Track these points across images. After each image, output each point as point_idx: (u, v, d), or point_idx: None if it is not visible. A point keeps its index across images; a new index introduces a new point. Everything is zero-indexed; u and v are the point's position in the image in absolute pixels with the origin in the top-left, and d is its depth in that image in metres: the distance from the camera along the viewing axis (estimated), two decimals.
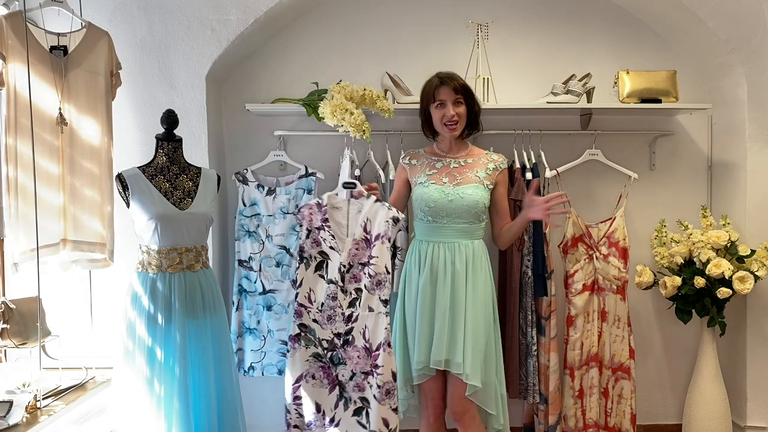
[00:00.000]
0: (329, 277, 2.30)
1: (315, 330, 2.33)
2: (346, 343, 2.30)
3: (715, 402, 2.92)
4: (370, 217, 2.27)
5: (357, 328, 2.27)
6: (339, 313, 2.30)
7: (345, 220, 2.30)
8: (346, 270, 2.29)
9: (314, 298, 2.32)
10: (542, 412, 2.94)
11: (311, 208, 2.32)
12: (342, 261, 2.28)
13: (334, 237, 2.29)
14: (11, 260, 2.26)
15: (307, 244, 2.32)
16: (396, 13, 3.16)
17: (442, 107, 2.40)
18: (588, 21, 3.19)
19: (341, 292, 2.29)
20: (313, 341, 2.33)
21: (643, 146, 3.23)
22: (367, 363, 2.26)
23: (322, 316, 2.31)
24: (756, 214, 3.00)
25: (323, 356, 2.33)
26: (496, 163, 2.49)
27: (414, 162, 2.54)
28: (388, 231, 2.23)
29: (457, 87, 2.39)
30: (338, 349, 2.31)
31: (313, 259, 2.33)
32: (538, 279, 2.86)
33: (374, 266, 2.25)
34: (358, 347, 2.28)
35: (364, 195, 2.29)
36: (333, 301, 2.30)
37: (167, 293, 2.26)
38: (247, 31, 2.86)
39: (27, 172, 2.26)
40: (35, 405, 2.18)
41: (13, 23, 2.26)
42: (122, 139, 2.78)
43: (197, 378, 2.27)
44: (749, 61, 2.96)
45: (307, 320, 2.33)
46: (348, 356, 2.30)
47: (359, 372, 2.28)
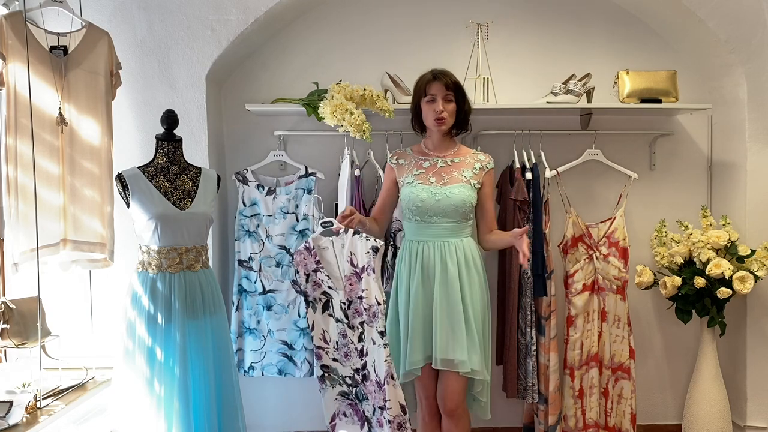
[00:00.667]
0: (336, 316, 2.30)
1: (337, 369, 2.34)
2: (365, 378, 2.29)
3: (715, 402, 2.92)
4: (352, 251, 2.24)
5: (369, 361, 2.26)
6: (352, 348, 2.29)
7: (334, 258, 2.28)
8: (347, 306, 2.28)
9: (329, 338, 2.33)
10: (542, 412, 2.94)
11: (302, 254, 2.31)
12: (341, 299, 2.28)
13: (329, 277, 2.29)
14: (11, 260, 2.26)
15: (309, 288, 2.33)
16: (396, 13, 3.16)
17: (432, 102, 2.39)
18: (588, 21, 3.19)
19: (349, 328, 2.29)
20: (338, 380, 2.35)
21: (643, 146, 3.23)
22: (380, 397, 2.24)
23: (340, 354, 2.32)
24: (756, 214, 3.00)
25: (349, 393, 2.34)
26: (482, 163, 2.48)
27: (401, 161, 2.53)
28: (370, 262, 2.20)
29: (448, 83, 2.39)
30: (360, 385, 2.31)
31: (318, 301, 2.33)
32: (538, 279, 2.86)
33: (366, 299, 2.23)
34: (372, 381, 2.27)
35: (341, 229, 2.24)
36: (344, 339, 2.30)
37: (167, 293, 2.26)
38: (247, 31, 2.86)
39: (27, 172, 2.26)
40: (35, 405, 2.18)
41: (13, 23, 2.26)
42: (122, 139, 2.78)
43: (197, 378, 2.27)
44: (749, 61, 2.96)
45: (328, 360, 2.34)
46: (368, 391, 2.30)
47: (377, 407, 2.26)
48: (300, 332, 2.91)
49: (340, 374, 2.34)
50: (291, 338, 2.92)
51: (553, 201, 3.02)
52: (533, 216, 2.87)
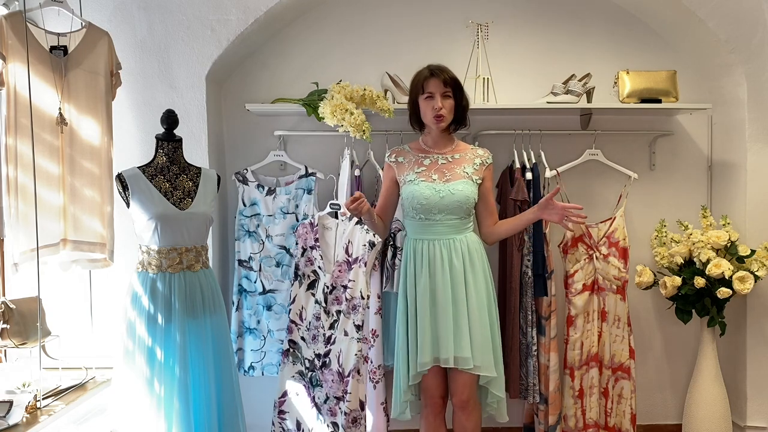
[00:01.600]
0: (317, 297, 2.32)
1: (302, 348, 2.35)
2: (324, 366, 2.30)
3: (715, 402, 2.92)
4: (351, 239, 2.26)
5: (334, 351, 2.27)
6: (321, 333, 2.31)
7: (333, 241, 2.31)
8: (329, 291, 2.28)
9: (305, 315, 2.34)
10: (542, 412, 2.95)
11: (305, 227, 2.34)
12: (326, 282, 2.28)
13: (323, 257, 2.30)
14: (11, 260, 2.26)
15: (301, 263, 2.34)
16: (396, 13, 3.16)
17: (430, 99, 2.38)
18: (588, 21, 3.19)
19: (324, 312, 2.30)
20: (300, 358, 2.36)
21: (643, 146, 3.23)
22: (339, 388, 2.26)
23: (309, 334, 2.34)
24: (756, 214, 3.00)
25: (305, 375, 2.35)
26: (482, 158, 2.48)
27: (401, 159, 2.50)
28: (364, 255, 2.21)
29: (446, 79, 2.37)
30: (317, 371, 2.32)
31: (306, 277, 2.34)
32: (538, 279, 2.86)
33: (350, 290, 2.24)
34: (333, 371, 2.28)
35: (346, 215, 2.26)
36: (317, 321, 2.32)
37: (167, 293, 2.26)
38: (247, 31, 2.86)
39: (27, 172, 2.26)
40: (35, 405, 2.18)
41: (13, 23, 2.26)
42: (122, 139, 2.78)
43: (197, 378, 2.27)
44: (749, 61, 2.96)
45: (296, 337, 2.36)
46: (324, 379, 2.31)
47: (332, 396, 2.27)
48: None
49: (303, 354, 2.35)
50: None
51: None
52: None
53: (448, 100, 2.39)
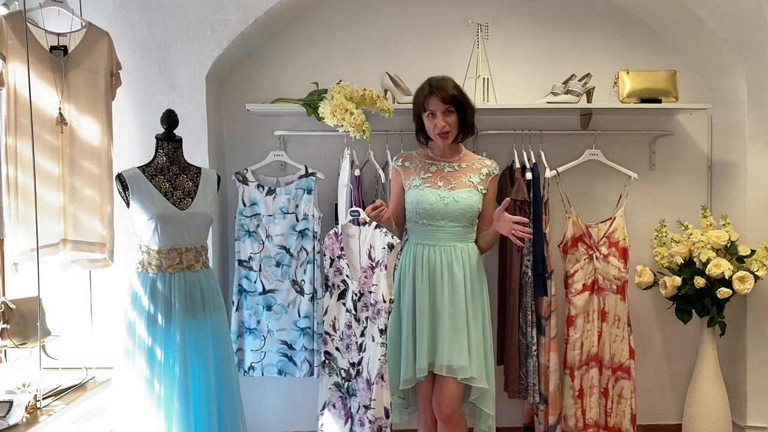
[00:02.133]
0: (347, 306, 2.31)
1: (337, 358, 2.34)
2: (357, 374, 2.28)
3: (715, 402, 2.92)
4: (372, 244, 2.25)
5: (365, 358, 2.25)
6: (354, 341, 2.29)
7: (358, 248, 2.30)
8: (357, 298, 2.27)
9: (337, 326, 2.33)
10: (542, 412, 2.94)
11: (331, 238, 2.34)
12: (354, 289, 2.28)
13: (349, 266, 2.30)
14: (11, 260, 2.26)
15: (330, 273, 2.34)
16: (396, 13, 3.16)
17: (432, 117, 2.36)
18: (588, 21, 3.19)
19: (355, 320, 2.29)
20: (336, 369, 2.35)
21: (643, 146, 3.23)
22: (367, 396, 2.23)
23: (343, 344, 2.33)
24: (756, 214, 3.00)
25: (341, 386, 2.34)
26: (489, 168, 2.47)
27: (407, 164, 2.50)
28: (384, 258, 2.20)
29: (446, 98, 2.32)
30: (352, 380, 2.31)
31: (336, 287, 2.34)
32: (538, 279, 2.86)
33: (373, 294, 2.23)
34: (363, 378, 2.26)
35: (366, 221, 2.26)
36: (349, 330, 2.31)
37: (167, 293, 2.26)
38: (247, 31, 2.86)
39: (27, 172, 2.25)
40: (35, 405, 2.18)
41: (13, 23, 2.26)
42: (122, 139, 2.78)
43: (197, 378, 2.27)
44: (749, 61, 2.96)
45: (331, 348, 2.35)
46: (357, 388, 2.28)
47: (362, 405, 2.25)
48: (300, 332, 2.91)
49: (338, 365, 2.35)
50: (291, 338, 2.91)
51: (553, 201, 3.01)
52: (533, 216, 2.87)
53: (451, 117, 2.36)
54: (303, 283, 2.90)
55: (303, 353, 2.90)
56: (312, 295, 2.89)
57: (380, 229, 2.24)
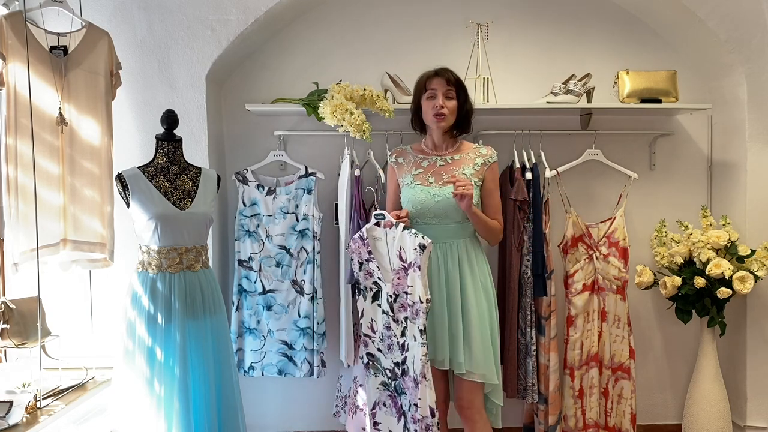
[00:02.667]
0: (383, 307, 2.31)
1: (380, 359, 2.35)
2: (404, 373, 2.29)
3: (715, 402, 2.92)
4: (402, 245, 2.24)
5: (409, 357, 2.26)
6: (395, 342, 2.29)
7: (386, 250, 2.29)
8: (393, 300, 2.27)
9: (376, 327, 2.34)
10: (542, 412, 2.94)
11: (356, 242, 2.33)
12: (388, 291, 2.28)
13: (380, 268, 2.30)
14: (11, 260, 2.26)
15: (361, 277, 2.34)
16: (396, 13, 3.16)
17: (432, 98, 2.34)
18: (588, 21, 3.19)
19: (393, 321, 2.28)
20: (380, 370, 2.35)
21: (643, 146, 3.23)
22: (416, 395, 2.23)
23: (384, 345, 2.33)
24: (756, 214, 3.00)
25: (389, 385, 2.34)
26: (484, 157, 2.41)
27: (401, 160, 2.48)
28: (417, 259, 2.19)
29: (450, 78, 2.34)
30: (399, 379, 2.31)
31: (369, 290, 2.34)
32: (538, 279, 2.86)
33: (410, 296, 2.22)
34: (410, 377, 2.26)
35: (392, 224, 2.26)
36: (388, 331, 2.31)
37: (167, 293, 2.26)
38: (247, 31, 2.86)
39: (27, 172, 2.26)
40: (35, 405, 2.18)
41: (13, 23, 2.26)
42: (122, 139, 2.78)
43: (197, 378, 2.27)
44: (749, 61, 2.96)
45: (373, 349, 2.36)
46: (406, 386, 2.29)
47: (412, 404, 2.26)
48: (300, 332, 2.91)
49: (382, 365, 2.35)
50: (291, 338, 2.91)
51: (553, 201, 3.01)
52: (533, 216, 2.87)
53: (450, 101, 2.35)
54: (303, 283, 2.90)
55: (303, 353, 2.90)
56: (312, 295, 2.89)
57: (409, 230, 2.24)
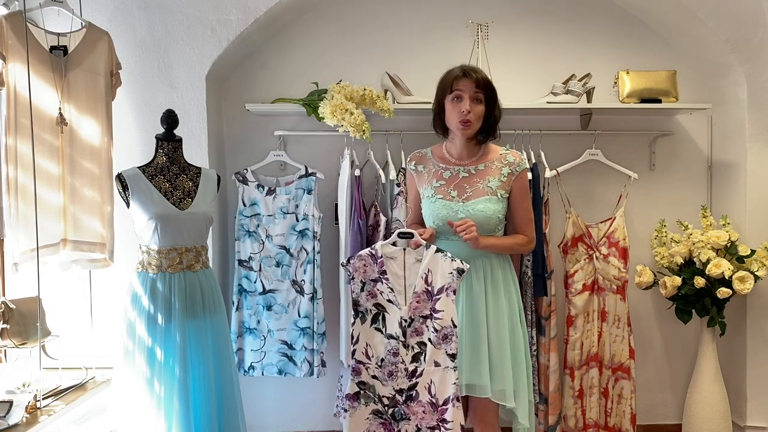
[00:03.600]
0: (389, 331, 2.16)
1: (375, 386, 2.19)
2: (410, 399, 2.16)
3: (715, 402, 2.92)
4: (431, 268, 2.12)
5: (422, 383, 2.14)
6: (401, 368, 2.16)
7: (402, 271, 2.15)
8: (407, 324, 2.14)
9: (372, 353, 2.18)
10: (542, 412, 2.94)
11: (364, 260, 2.16)
12: (403, 315, 2.14)
13: (393, 290, 2.15)
14: (11, 260, 2.26)
15: (362, 297, 2.17)
16: (396, 13, 3.16)
17: (458, 101, 2.17)
18: (588, 21, 3.19)
19: (403, 347, 2.15)
20: (373, 398, 2.20)
21: (643, 146, 3.23)
22: (433, 418, 2.14)
23: (383, 372, 2.18)
24: (756, 214, 3.00)
25: (384, 413, 2.20)
26: (511, 166, 2.24)
27: (420, 168, 2.33)
28: (452, 283, 2.09)
29: (479, 80, 2.16)
30: (400, 406, 2.18)
31: (369, 312, 2.18)
32: (538, 279, 2.86)
33: (440, 320, 2.11)
34: (423, 402, 2.15)
35: (422, 245, 2.13)
36: (394, 357, 2.16)
37: (167, 293, 2.26)
38: (247, 31, 2.86)
39: (27, 172, 2.26)
40: (35, 405, 2.18)
41: (13, 23, 2.26)
42: (122, 139, 2.78)
43: (197, 378, 2.27)
44: (749, 61, 2.96)
45: (366, 377, 2.19)
46: (412, 411, 2.17)
47: (425, 427, 2.16)
48: (300, 332, 2.91)
49: (377, 392, 2.19)
50: (291, 338, 2.91)
51: (553, 201, 3.01)
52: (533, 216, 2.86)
53: (478, 105, 2.18)
54: (303, 283, 2.90)
55: (303, 353, 2.90)
56: (312, 295, 2.89)
57: (443, 253, 2.12)
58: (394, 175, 2.88)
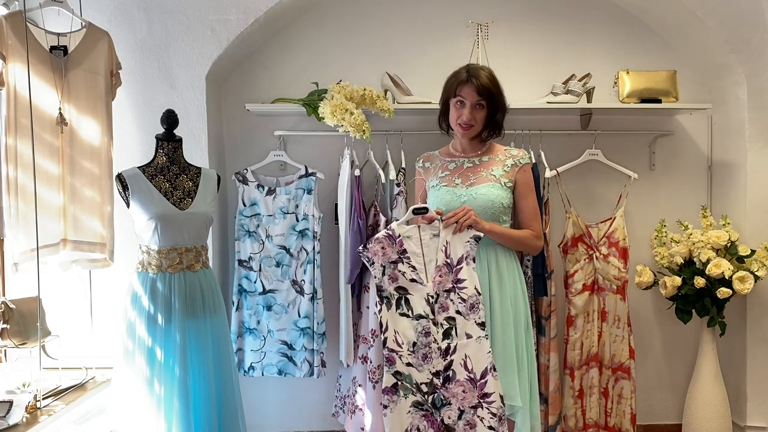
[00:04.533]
0: (417, 312, 2.12)
1: (411, 375, 2.12)
2: (447, 380, 2.11)
3: (715, 402, 2.92)
4: (449, 240, 2.11)
5: (457, 360, 2.09)
6: (435, 348, 2.11)
7: (419, 248, 2.13)
8: (434, 300, 2.11)
9: (401, 340, 2.11)
10: (542, 412, 2.94)
11: (382, 242, 2.12)
12: (429, 292, 2.11)
13: (415, 268, 2.12)
14: (11, 260, 2.26)
15: (384, 282, 2.12)
16: (396, 13, 3.16)
17: (460, 106, 2.21)
18: (588, 21, 3.19)
19: (433, 325, 2.11)
20: (411, 388, 2.12)
21: (643, 146, 3.23)
22: (474, 395, 2.08)
23: (416, 357, 2.11)
24: (756, 214, 3.00)
25: (424, 403, 2.12)
26: (515, 158, 2.26)
27: (428, 165, 2.38)
28: (471, 251, 2.08)
29: (480, 89, 2.17)
30: (439, 390, 2.12)
31: (392, 297, 2.13)
32: (538, 279, 2.86)
33: (465, 290, 2.09)
34: (461, 381, 2.09)
35: (436, 218, 2.13)
36: (426, 338, 2.11)
37: (167, 293, 2.26)
38: (247, 31, 2.86)
39: (27, 172, 2.26)
40: (35, 405, 2.18)
41: (13, 23, 2.26)
42: (122, 139, 2.78)
43: (197, 378, 2.27)
44: (749, 61, 2.96)
45: (401, 366, 2.11)
46: (451, 394, 2.11)
47: (467, 408, 2.09)
48: (300, 332, 2.91)
49: (414, 381, 2.13)
50: (291, 338, 2.91)
51: (553, 201, 3.01)
52: None
53: (480, 112, 2.21)
54: (303, 283, 2.90)
55: (303, 353, 2.90)
56: (312, 295, 2.89)
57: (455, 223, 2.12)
58: (393, 175, 2.88)
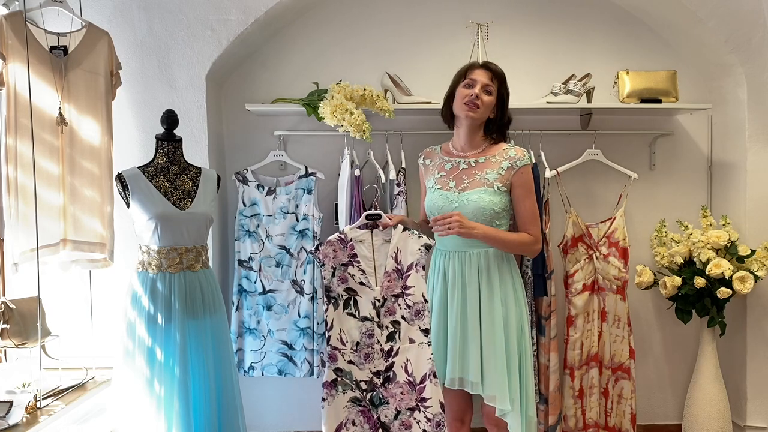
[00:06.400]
0: (363, 314, 2.19)
1: (351, 372, 2.19)
2: (387, 381, 2.18)
3: (715, 402, 2.92)
4: (400, 247, 2.17)
5: (398, 362, 2.16)
6: (377, 349, 2.18)
7: (370, 253, 2.19)
8: (381, 304, 2.17)
9: (346, 338, 2.19)
10: (542, 412, 2.94)
11: (333, 245, 2.19)
12: (376, 296, 2.18)
13: (364, 272, 2.19)
14: (11, 260, 2.26)
15: (333, 283, 2.19)
16: (396, 13, 3.16)
17: (469, 87, 2.20)
18: (588, 21, 3.19)
19: (377, 327, 2.18)
20: (350, 385, 2.20)
21: (643, 146, 3.23)
22: (412, 398, 2.15)
23: (358, 355, 2.19)
24: (756, 214, 3.00)
25: (362, 399, 2.20)
26: (512, 160, 2.21)
27: (428, 162, 2.39)
28: (421, 259, 2.15)
29: (495, 72, 2.20)
30: (378, 389, 2.19)
31: (340, 297, 2.20)
32: (538, 279, 2.86)
33: (411, 296, 2.15)
34: (400, 383, 2.17)
35: (390, 224, 2.17)
36: (370, 338, 2.18)
37: (167, 293, 2.26)
38: (247, 31, 2.86)
39: (27, 172, 2.26)
40: (35, 405, 2.18)
41: (13, 23, 2.26)
42: (122, 139, 2.78)
43: (197, 378, 2.27)
44: (749, 61, 2.96)
45: (342, 363, 2.19)
46: (390, 394, 2.18)
47: (404, 409, 2.17)
48: (300, 332, 2.91)
49: (354, 378, 2.20)
50: (291, 338, 2.92)
51: (553, 201, 3.01)
52: None
53: (488, 96, 2.20)
54: (303, 283, 2.90)
55: (303, 353, 2.90)
56: (312, 295, 2.89)
57: (410, 231, 2.17)
58: (393, 175, 2.88)
